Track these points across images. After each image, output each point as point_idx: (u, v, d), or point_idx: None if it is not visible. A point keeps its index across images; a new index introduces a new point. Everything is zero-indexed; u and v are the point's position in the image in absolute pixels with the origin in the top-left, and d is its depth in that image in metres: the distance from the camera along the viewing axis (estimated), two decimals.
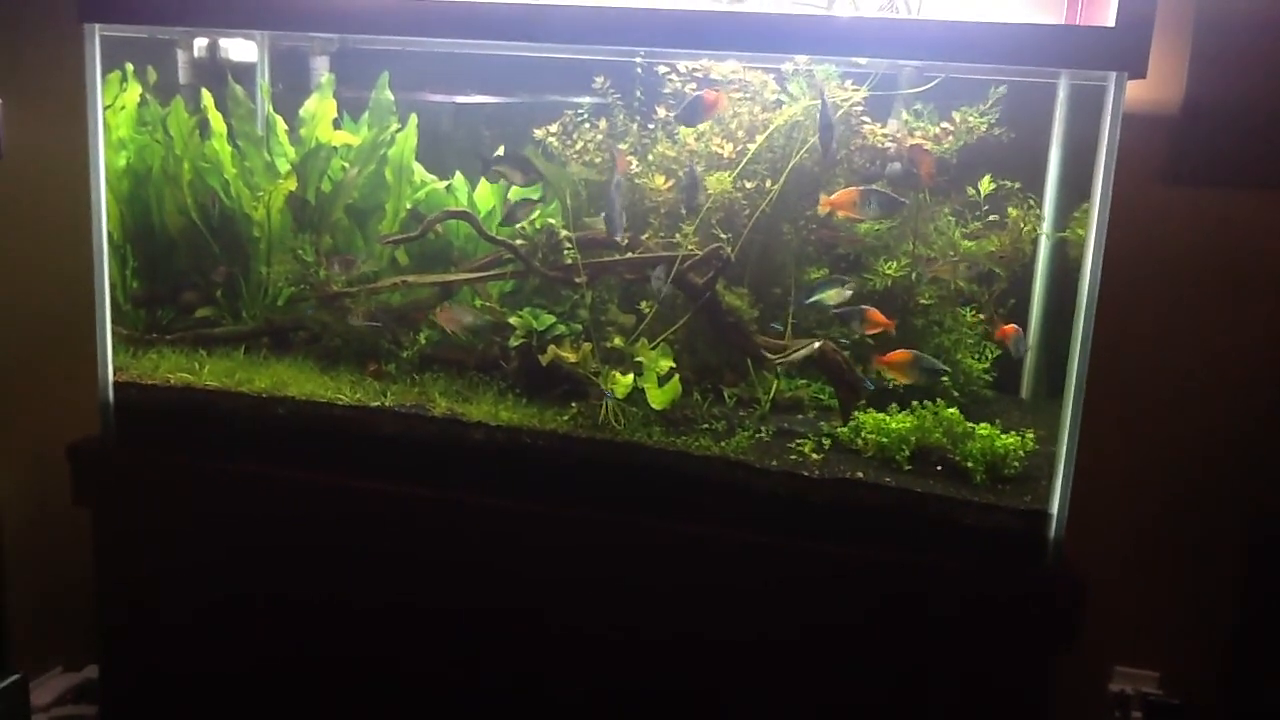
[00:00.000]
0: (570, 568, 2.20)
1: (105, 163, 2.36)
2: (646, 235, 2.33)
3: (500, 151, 2.41)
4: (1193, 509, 2.70)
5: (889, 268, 2.37)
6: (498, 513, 2.21)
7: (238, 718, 2.45)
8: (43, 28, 2.86)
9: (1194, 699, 2.74)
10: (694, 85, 2.32)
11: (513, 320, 2.36)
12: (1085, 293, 1.96)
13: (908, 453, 2.16)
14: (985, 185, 2.34)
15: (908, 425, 2.19)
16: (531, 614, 2.24)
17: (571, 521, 2.18)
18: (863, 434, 2.21)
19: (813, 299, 2.22)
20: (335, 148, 2.57)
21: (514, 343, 2.35)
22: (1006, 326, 2.22)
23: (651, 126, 2.37)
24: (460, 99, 2.77)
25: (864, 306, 2.19)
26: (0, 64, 2.90)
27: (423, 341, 2.48)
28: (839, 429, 2.25)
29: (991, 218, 2.36)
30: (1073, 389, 1.99)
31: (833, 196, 2.16)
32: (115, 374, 2.41)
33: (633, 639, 2.20)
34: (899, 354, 2.17)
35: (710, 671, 2.18)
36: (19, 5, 2.89)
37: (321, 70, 2.66)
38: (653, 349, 2.25)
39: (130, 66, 2.50)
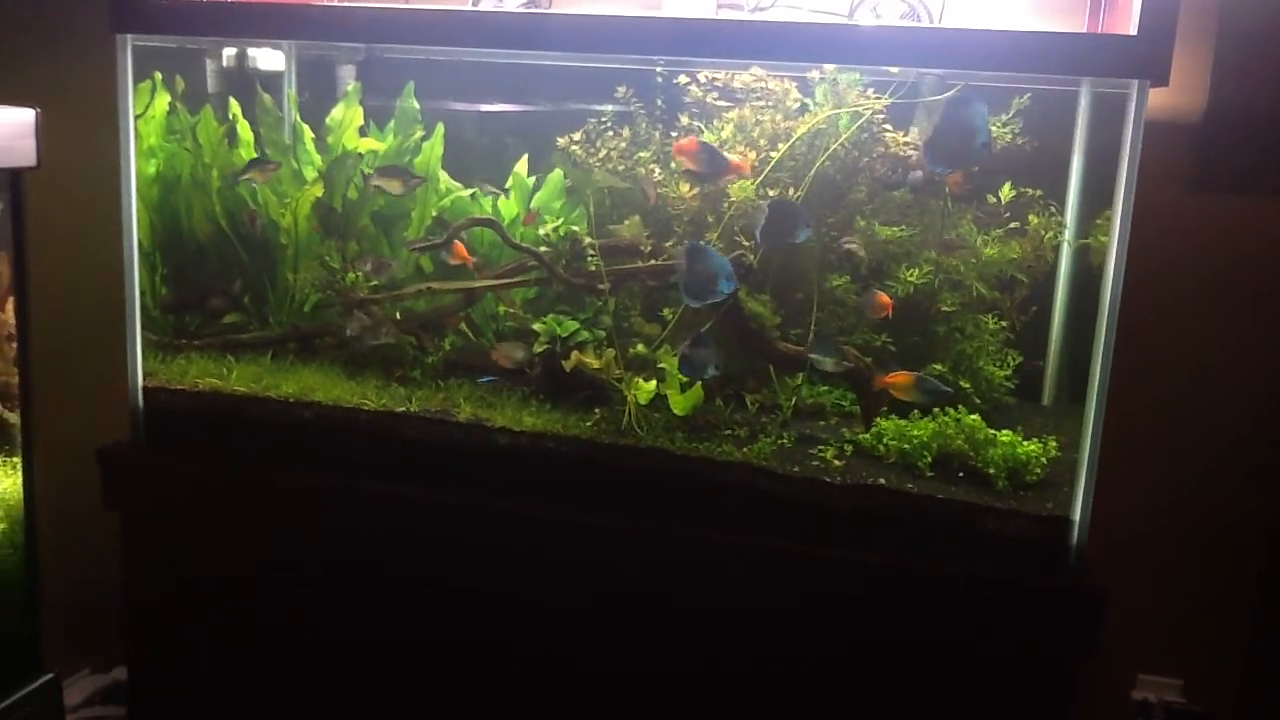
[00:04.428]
0: (592, 573, 2.21)
1: (136, 171, 2.40)
2: (670, 243, 2.35)
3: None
4: (1216, 515, 2.69)
5: (911, 275, 2.37)
6: (520, 517, 2.23)
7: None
8: (76, 38, 2.91)
9: (1218, 707, 2.73)
10: (715, 94, 2.34)
11: (536, 327, 2.39)
12: (1107, 299, 1.97)
13: (929, 459, 2.17)
14: (1006, 193, 2.34)
15: (929, 432, 2.20)
16: (552, 619, 2.25)
17: (594, 527, 2.19)
18: (884, 440, 2.22)
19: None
20: (362, 155, 2.60)
21: (538, 349, 2.37)
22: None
23: (674, 135, 2.38)
24: (485, 108, 2.80)
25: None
26: (35, 74, 2.95)
27: (448, 347, 2.51)
28: (861, 435, 2.26)
29: (1013, 225, 2.37)
30: (1095, 395, 1.99)
31: (680, 143, 2.22)
32: (145, 379, 2.45)
33: (655, 643, 2.21)
34: (900, 375, 2.19)
35: (731, 676, 2.19)
36: (53, 16, 2.94)
37: (348, 79, 2.69)
38: (675, 355, 2.27)
39: (159, 76, 2.54)
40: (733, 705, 2.20)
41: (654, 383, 2.25)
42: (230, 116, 2.59)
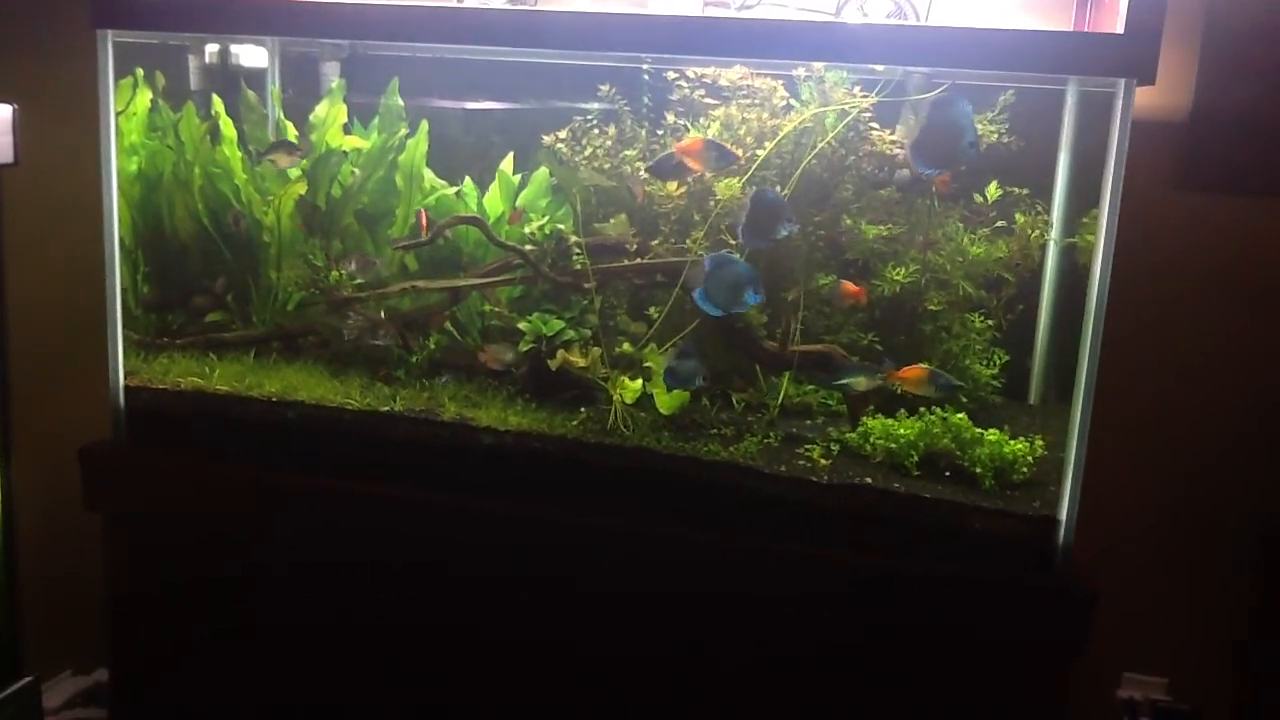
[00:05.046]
0: (578, 573, 2.20)
1: (117, 168, 2.37)
2: (656, 241, 2.34)
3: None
4: (1202, 514, 2.70)
5: (897, 274, 2.37)
6: (506, 517, 2.21)
7: None
8: (56, 34, 2.88)
9: (1204, 705, 2.73)
10: (702, 91, 2.33)
11: (522, 325, 2.37)
12: (1094, 298, 1.96)
13: (916, 458, 2.16)
14: (992, 191, 2.34)
15: (915, 431, 2.19)
16: (539, 618, 2.24)
17: (579, 527, 2.18)
18: (871, 439, 2.21)
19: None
20: (346, 152, 2.59)
21: (523, 348, 2.36)
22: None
23: (660, 133, 2.37)
24: (470, 105, 2.78)
25: None
26: (15, 70, 2.92)
27: (432, 346, 2.49)
28: (847, 434, 2.26)
29: (1000, 224, 2.37)
30: (1082, 394, 1.99)
31: (682, 144, 2.20)
32: (127, 378, 2.43)
33: (642, 645, 2.20)
34: (914, 370, 2.18)
35: (717, 676, 2.18)
36: (32, 12, 2.91)
37: (332, 76, 2.67)
38: (661, 354, 2.26)
39: (140, 72, 2.52)
40: (719, 705, 2.19)
41: (640, 381, 2.25)
42: (213, 113, 2.57)
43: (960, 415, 2.22)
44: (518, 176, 2.59)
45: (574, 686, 2.26)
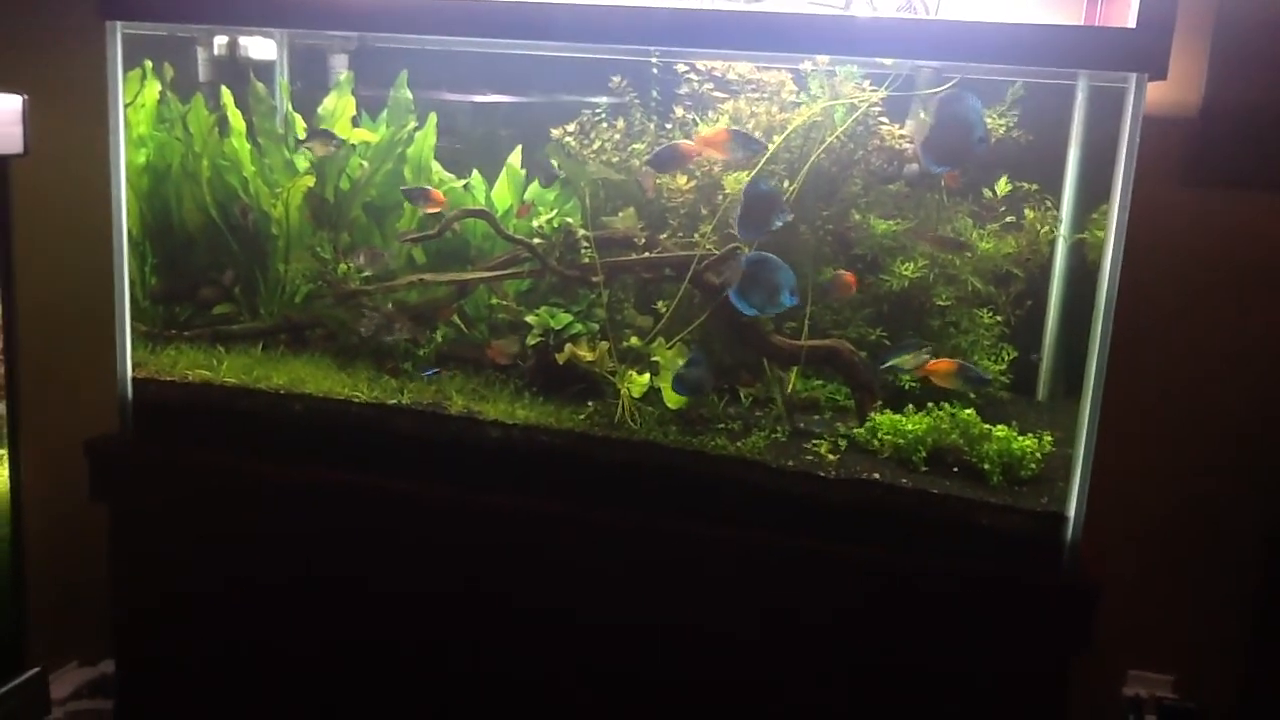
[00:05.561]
0: (585, 567, 2.20)
1: (126, 160, 2.38)
2: (665, 235, 2.34)
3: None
4: (1209, 511, 2.69)
5: (906, 269, 2.36)
6: (513, 511, 2.21)
7: (252, 713, 2.46)
8: (66, 25, 2.88)
9: (1210, 703, 2.73)
10: (710, 84, 2.33)
11: (530, 319, 2.37)
12: (1104, 294, 1.96)
13: (924, 454, 2.16)
14: (1002, 186, 2.34)
15: (924, 426, 2.19)
16: (545, 613, 2.24)
17: (587, 521, 2.18)
18: (879, 435, 2.21)
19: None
20: (354, 145, 2.58)
21: (531, 341, 2.35)
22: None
23: (669, 126, 2.37)
24: (478, 98, 2.78)
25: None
26: (24, 60, 2.92)
27: (440, 339, 2.49)
28: (855, 429, 2.25)
29: (1009, 219, 2.36)
30: (1090, 390, 1.99)
31: (704, 135, 2.18)
32: (134, 370, 2.43)
33: (647, 639, 2.20)
34: (943, 362, 2.17)
35: (723, 671, 2.18)
36: (42, 3, 2.91)
37: (340, 68, 2.67)
38: (669, 348, 2.26)
39: (149, 64, 2.52)
40: (724, 699, 2.19)
41: (647, 376, 2.24)
42: (221, 105, 2.57)
43: (968, 411, 2.22)
44: (525, 170, 2.58)
45: (577, 681, 2.26)
